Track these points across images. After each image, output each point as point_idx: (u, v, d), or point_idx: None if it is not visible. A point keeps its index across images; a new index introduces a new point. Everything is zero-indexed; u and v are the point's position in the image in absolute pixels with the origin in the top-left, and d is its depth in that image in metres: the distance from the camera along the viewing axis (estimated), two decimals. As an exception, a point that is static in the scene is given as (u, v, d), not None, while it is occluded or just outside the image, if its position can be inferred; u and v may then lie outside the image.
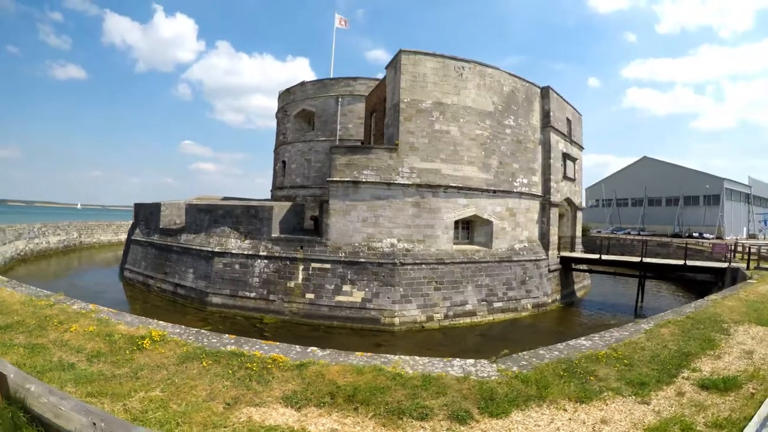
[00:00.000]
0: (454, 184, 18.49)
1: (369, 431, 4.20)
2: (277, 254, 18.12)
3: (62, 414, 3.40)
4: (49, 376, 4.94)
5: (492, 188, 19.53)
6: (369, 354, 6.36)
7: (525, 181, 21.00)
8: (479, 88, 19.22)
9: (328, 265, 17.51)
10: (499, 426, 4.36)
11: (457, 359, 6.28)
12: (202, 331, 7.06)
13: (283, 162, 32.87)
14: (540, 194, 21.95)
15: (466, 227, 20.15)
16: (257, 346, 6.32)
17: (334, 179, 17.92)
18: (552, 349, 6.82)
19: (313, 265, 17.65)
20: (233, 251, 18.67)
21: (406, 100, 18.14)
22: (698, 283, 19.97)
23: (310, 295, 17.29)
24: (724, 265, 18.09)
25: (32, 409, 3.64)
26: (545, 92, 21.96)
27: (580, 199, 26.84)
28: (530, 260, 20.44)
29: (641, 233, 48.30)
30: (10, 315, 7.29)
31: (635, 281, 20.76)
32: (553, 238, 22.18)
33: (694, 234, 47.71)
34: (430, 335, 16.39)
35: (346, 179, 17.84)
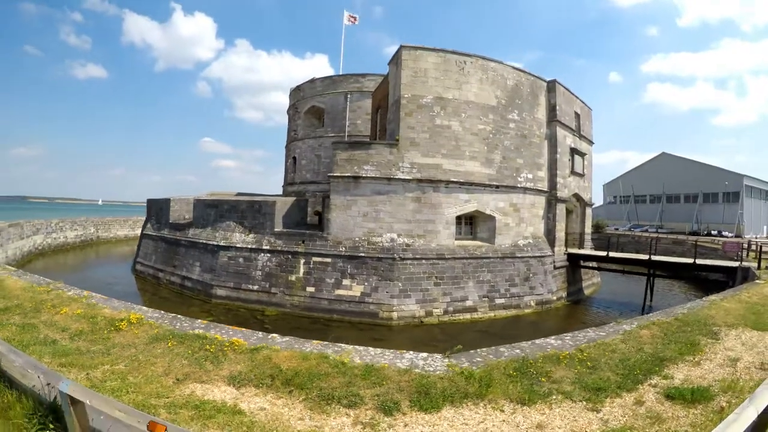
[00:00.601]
0: (455, 179, 18.38)
1: (295, 413, 4.38)
2: (280, 248, 18.44)
3: (27, 375, 3.75)
4: (31, 350, 5.39)
5: (495, 183, 19.31)
6: (324, 342, 6.50)
7: (530, 176, 20.66)
8: (482, 83, 19.01)
9: (328, 259, 17.70)
10: (425, 420, 4.30)
11: (411, 352, 6.24)
12: (179, 316, 7.44)
13: (294, 158, 33.37)
14: (546, 189, 21.55)
15: (470, 223, 19.99)
16: (223, 331, 6.59)
17: (335, 174, 18.08)
18: (514, 347, 6.62)
19: (314, 259, 17.88)
20: (237, 245, 19.11)
21: (406, 96, 18.12)
22: (712, 283, 19.21)
23: (310, 289, 17.54)
24: (735, 264, 17.33)
25: (5, 370, 4.02)
26: (551, 86, 21.53)
27: (590, 195, 26.20)
28: (534, 256, 20.13)
29: (659, 231, 46.72)
30: (11, 299, 7.85)
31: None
32: (560, 234, 21.77)
33: (713, 232, 45.74)
34: (428, 330, 16.37)
35: (346, 174, 17.97)
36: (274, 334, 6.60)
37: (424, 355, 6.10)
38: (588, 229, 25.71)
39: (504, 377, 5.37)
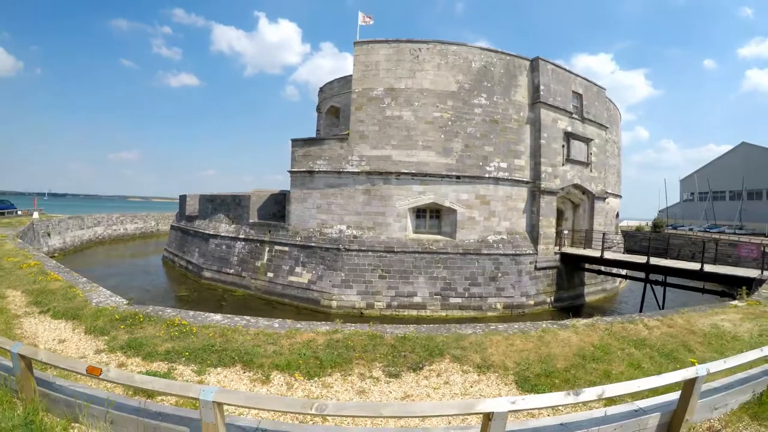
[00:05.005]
0: (406, 171, 17.91)
1: (19, 306, 7.92)
2: (252, 237, 20.37)
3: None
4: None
5: (455, 174, 18.18)
6: (86, 281, 9.87)
7: (503, 165, 18.83)
8: (439, 68, 18.10)
9: (286, 248, 18.97)
10: (38, 320, 7.24)
11: (118, 297, 8.71)
12: (63, 267, 11.51)
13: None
14: (528, 180, 19.33)
15: (436, 216, 19.16)
16: (65, 276, 10.26)
17: (293, 170, 19.25)
18: (198, 316, 7.66)
19: (276, 247, 19.34)
20: (222, 234, 21.67)
21: (357, 90, 18.35)
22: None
23: (270, 274, 19.04)
24: (753, 273, 13.05)
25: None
26: (535, 64, 19.18)
27: (602, 187, 22.32)
28: (506, 254, 18.30)
29: (737, 232, 36.50)
30: (-11, 252, 13.11)
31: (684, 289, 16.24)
32: (546, 231, 19.29)
33: None
34: (366, 322, 16.35)
35: (303, 170, 19.00)
36: (96, 285, 9.69)
37: (125, 300, 8.42)
38: (601, 226, 21.98)
39: (111, 322, 6.99)
